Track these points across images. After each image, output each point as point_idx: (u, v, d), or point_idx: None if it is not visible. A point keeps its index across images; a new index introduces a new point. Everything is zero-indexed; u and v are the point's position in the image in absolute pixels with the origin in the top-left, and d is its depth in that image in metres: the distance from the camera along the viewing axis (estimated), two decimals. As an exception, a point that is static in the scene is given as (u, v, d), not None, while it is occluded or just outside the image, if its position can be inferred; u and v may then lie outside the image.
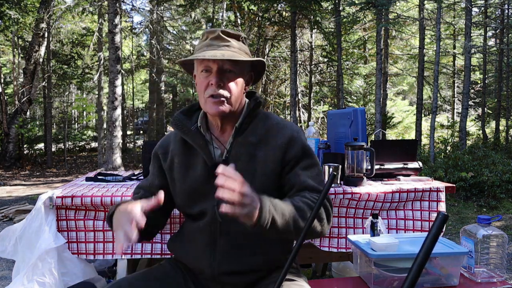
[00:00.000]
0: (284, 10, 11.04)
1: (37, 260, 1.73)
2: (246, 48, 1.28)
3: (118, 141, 8.20)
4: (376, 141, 5.88)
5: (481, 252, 1.39)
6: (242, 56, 1.23)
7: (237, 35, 1.27)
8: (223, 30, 1.24)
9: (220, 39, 1.22)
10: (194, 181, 1.25)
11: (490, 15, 12.11)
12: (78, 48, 13.76)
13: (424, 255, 0.60)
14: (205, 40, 1.25)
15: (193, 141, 1.26)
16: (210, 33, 1.25)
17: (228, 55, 1.18)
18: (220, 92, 1.19)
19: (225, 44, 1.22)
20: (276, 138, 1.25)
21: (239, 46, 1.25)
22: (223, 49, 1.21)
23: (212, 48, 1.21)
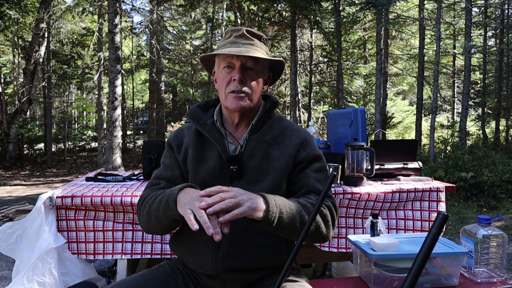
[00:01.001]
0: (284, 10, 11.04)
1: (37, 260, 1.73)
2: (267, 49, 1.31)
3: (118, 141, 8.20)
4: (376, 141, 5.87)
5: (481, 252, 1.39)
6: (264, 55, 1.27)
7: (259, 36, 1.31)
8: (247, 29, 1.28)
9: (244, 37, 1.26)
10: (207, 173, 1.26)
11: (490, 15, 12.11)
12: (78, 48, 13.76)
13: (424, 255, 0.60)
14: (229, 38, 1.28)
15: (209, 134, 1.28)
16: (235, 31, 1.28)
17: (253, 53, 1.22)
18: (242, 88, 1.23)
19: (249, 42, 1.25)
20: (290, 138, 1.29)
21: (261, 46, 1.28)
22: (248, 47, 1.24)
23: (236, 46, 1.24)
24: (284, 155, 1.26)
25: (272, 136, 1.29)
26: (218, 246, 1.20)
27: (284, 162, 1.25)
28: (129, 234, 1.88)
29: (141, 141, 16.85)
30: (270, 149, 1.27)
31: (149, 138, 14.79)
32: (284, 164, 1.25)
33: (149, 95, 14.83)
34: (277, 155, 1.26)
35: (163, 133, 13.97)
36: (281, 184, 1.25)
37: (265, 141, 1.28)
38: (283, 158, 1.26)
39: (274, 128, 1.31)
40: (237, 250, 1.21)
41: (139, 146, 14.59)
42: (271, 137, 1.29)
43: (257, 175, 1.25)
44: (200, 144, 1.30)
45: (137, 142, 15.73)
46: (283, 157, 1.26)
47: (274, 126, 1.32)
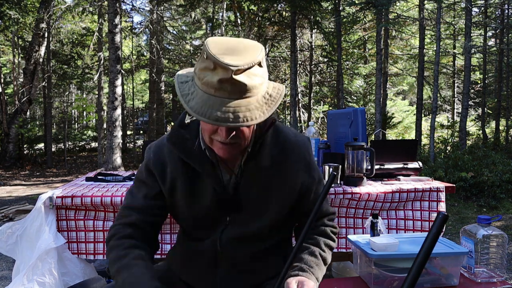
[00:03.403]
0: (284, 10, 11.04)
1: (37, 260, 1.73)
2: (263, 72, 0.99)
3: (118, 141, 8.20)
4: (376, 141, 5.88)
5: (481, 252, 1.39)
6: (261, 108, 0.96)
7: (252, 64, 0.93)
8: (237, 70, 0.90)
9: (233, 84, 0.91)
10: (201, 209, 1.15)
11: (490, 15, 12.11)
12: (78, 48, 13.76)
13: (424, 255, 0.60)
14: (213, 77, 0.92)
15: (199, 165, 1.11)
16: (220, 69, 0.91)
17: (246, 118, 0.92)
18: (231, 140, 1.01)
19: (240, 96, 0.92)
20: (290, 161, 1.15)
21: (256, 85, 0.95)
22: (238, 107, 0.91)
23: (222, 103, 0.91)
24: (287, 183, 1.15)
25: (271, 160, 1.13)
26: (215, 271, 1.20)
27: (287, 191, 1.15)
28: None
29: (141, 141, 16.84)
30: (269, 177, 1.13)
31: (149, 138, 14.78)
32: (287, 194, 1.15)
33: (149, 95, 14.83)
34: (279, 183, 1.14)
35: (163, 133, 13.97)
36: (285, 215, 1.17)
37: (263, 167, 1.12)
38: (286, 187, 1.15)
39: (272, 148, 1.13)
40: (235, 274, 1.20)
41: (139, 146, 14.58)
42: (269, 161, 1.12)
43: (258, 208, 1.14)
44: (189, 174, 1.13)
45: (137, 142, 15.73)
46: (286, 185, 1.15)
47: (271, 145, 1.13)
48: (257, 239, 1.18)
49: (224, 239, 1.16)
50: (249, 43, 0.99)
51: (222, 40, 0.98)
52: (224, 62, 0.90)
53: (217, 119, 0.90)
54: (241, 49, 0.95)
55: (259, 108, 0.95)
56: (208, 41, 0.97)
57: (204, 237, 1.19)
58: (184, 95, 0.97)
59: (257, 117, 0.93)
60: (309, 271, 1.12)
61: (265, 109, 0.96)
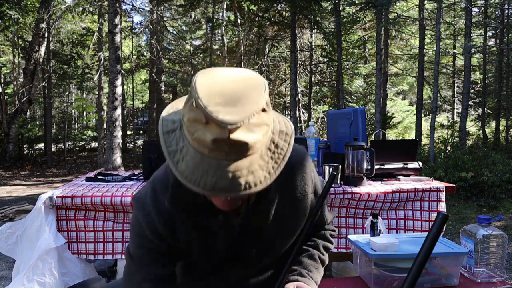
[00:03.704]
0: (284, 10, 11.04)
1: (37, 260, 1.73)
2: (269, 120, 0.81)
3: (118, 141, 8.20)
4: (376, 141, 5.88)
5: (481, 252, 1.39)
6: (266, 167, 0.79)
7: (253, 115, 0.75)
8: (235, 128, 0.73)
9: (232, 146, 0.74)
10: (214, 259, 1.06)
11: (490, 15, 12.11)
12: (78, 48, 13.76)
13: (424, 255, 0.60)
14: (205, 134, 0.74)
15: (208, 221, 0.99)
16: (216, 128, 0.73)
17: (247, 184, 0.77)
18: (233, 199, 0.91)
19: (241, 155, 0.76)
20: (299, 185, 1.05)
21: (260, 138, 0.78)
22: (237, 170, 0.75)
23: (219, 167, 0.75)
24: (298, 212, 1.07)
25: (277, 189, 1.00)
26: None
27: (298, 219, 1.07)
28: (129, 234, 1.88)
29: (141, 141, 16.84)
30: (281, 207, 1.03)
31: (149, 138, 14.79)
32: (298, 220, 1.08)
33: (149, 95, 14.83)
34: (289, 213, 1.05)
35: (163, 133, 13.95)
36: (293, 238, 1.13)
37: (269, 199, 1.01)
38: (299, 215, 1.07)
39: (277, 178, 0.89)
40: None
41: (139, 146, 14.58)
42: (274, 192, 1.00)
43: (271, 241, 1.07)
44: (202, 231, 1.01)
45: (137, 142, 15.73)
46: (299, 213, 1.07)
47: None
48: (269, 268, 1.16)
49: (233, 278, 1.12)
50: (248, 82, 0.80)
51: (214, 80, 0.79)
52: (218, 119, 0.71)
53: (212, 187, 0.74)
54: (239, 94, 0.77)
55: (263, 167, 0.78)
56: (197, 81, 0.78)
57: (210, 274, 1.12)
58: (171, 152, 0.79)
59: (262, 181, 0.78)
60: (308, 275, 1.11)
61: (271, 167, 0.80)
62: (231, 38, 13.84)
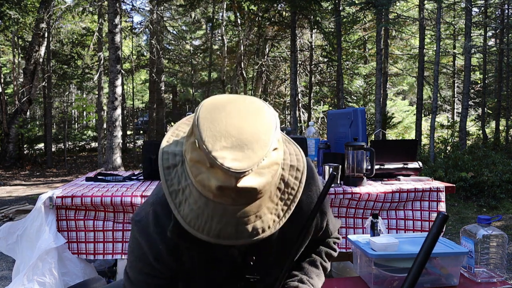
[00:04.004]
0: (284, 10, 11.04)
1: (38, 260, 1.73)
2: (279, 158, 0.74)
3: (118, 141, 8.20)
4: (376, 141, 5.89)
5: (481, 252, 1.39)
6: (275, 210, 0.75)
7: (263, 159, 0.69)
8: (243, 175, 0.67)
9: (240, 193, 0.68)
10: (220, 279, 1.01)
11: (490, 15, 12.11)
12: (78, 48, 13.76)
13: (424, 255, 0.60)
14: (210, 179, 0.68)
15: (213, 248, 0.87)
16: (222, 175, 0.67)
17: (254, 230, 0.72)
18: None
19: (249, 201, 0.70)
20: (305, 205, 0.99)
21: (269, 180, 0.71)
22: (245, 216, 0.71)
23: (225, 213, 0.70)
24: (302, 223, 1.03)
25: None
26: None
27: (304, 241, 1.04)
28: (129, 234, 1.88)
29: (141, 141, 16.84)
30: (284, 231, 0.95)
31: (149, 138, 14.79)
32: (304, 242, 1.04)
33: (149, 95, 14.83)
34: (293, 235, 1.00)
35: (163, 133, 13.97)
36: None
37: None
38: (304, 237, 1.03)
39: None
40: None
41: (139, 146, 14.59)
42: None
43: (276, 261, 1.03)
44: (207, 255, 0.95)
45: (137, 142, 15.73)
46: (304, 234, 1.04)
47: None
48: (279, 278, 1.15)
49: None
50: (258, 120, 0.72)
51: (219, 117, 0.71)
52: (224, 167, 0.65)
53: (218, 235, 0.71)
54: (247, 135, 0.69)
55: (272, 210, 0.74)
56: (200, 117, 0.71)
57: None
58: (173, 192, 0.74)
59: (270, 226, 0.73)
60: (308, 282, 1.09)
61: (280, 209, 0.75)
62: (231, 38, 13.84)
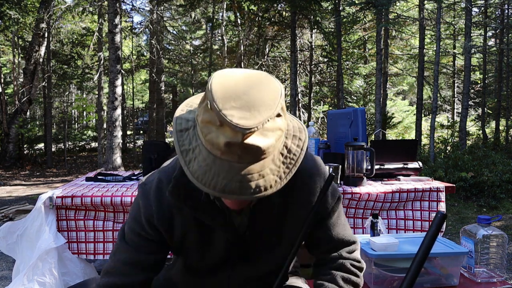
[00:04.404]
0: (284, 10, 11.04)
1: (38, 260, 1.73)
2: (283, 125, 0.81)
3: (118, 141, 8.20)
4: (376, 141, 5.89)
5: (481, 252, 1.39)
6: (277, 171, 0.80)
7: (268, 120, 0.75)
8: (250, 132, 0.73)
9: (245, 150, 0.74)
10: (214, 256, 1.05)
11: (490, 15, 12.11)
12: (78, 48, 13.76)
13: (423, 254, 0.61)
14: (219, 137, 0.74)
15: (209, 219, 0.97)
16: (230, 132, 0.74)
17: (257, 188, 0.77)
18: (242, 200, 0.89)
19: (254, 159, 0.76)
20: (304, 196, 1.01)
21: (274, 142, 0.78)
22: (249, 174, 0.76)
23: (231, 169, 0.75)
24: (300, 218, 1.01)
25: (283, 196, 0.97)
26: None
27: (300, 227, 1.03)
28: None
29: (141, 141, 16.84)
30: (282, 214, 1.01)
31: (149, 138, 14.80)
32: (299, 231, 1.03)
33: (149, 95, 14.83)
34: (291, 220, 1.01)
35: (163, 133, 13.97)
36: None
37: (275, 204, 0.98)
38: (299, 224, 1.01)
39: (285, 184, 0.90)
40: None
41: (139, 146, 14.59)
42: (281, 198, 0.98)
43: (270, 248, 1.05)
44: (200, 227, 1.00)
45: (137, 142, 15.73)
46: (299, 221, 1.01)
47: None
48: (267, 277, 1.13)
49: (233, 280, 1.10)
50: (265, 87, 0.79)
51: (230, 83, 0.78)
52: (233, 123, 0.72)
53: (223, 189, 0.75)
54: (254, 98, 0.76)
55: (275, 171, 0.79)
56: (213, 83, 0.78)
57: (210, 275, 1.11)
58: (184, 152, 0.80)
59: (272, 185, 0.78)
60: None
61: (282, 172, 0.80)
62: (231, 38, 13.84)
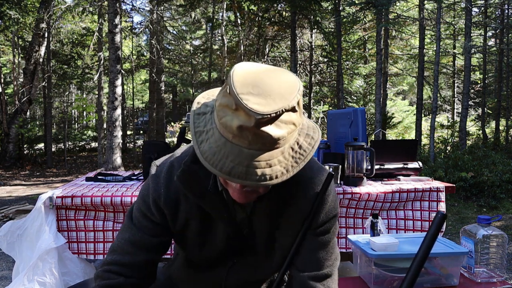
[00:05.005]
0: (284, 10, 11.04)
1: (38, 260, 1.73)
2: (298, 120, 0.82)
3: (118, 141, 8.20)
4: (376, 141, 5.88)
5: (481, 252, 1.39)
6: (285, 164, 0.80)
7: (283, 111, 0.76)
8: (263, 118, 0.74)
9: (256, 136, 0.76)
10: (213, 250, 1.06)
11: (490, 15, 12.10)
12: (78, 48, 13.76)
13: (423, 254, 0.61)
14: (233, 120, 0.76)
15: (213, 210, 0.99)
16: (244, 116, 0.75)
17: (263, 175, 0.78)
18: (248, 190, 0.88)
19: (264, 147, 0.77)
20: (301, 202, 1.00)
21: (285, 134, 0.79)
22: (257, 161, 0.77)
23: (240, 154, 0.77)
24: (296, 226, 1.02)
25: (283, 198, 0.99)
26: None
27: (295, 234, 1.03)
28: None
29: (141, 141, 16.84)
30: (281, 215, 1.02)
31: (149, 138, 14.79)
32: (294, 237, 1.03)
33: (149, 95, 14.82)
34: (288, 225, 1.02)
35: (163, 133, 13.97)
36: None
37: (276, 205, 1.00)
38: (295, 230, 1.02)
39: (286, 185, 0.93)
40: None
41: (139, 146, 14.58)
42: (282, 199, 0.99)
43: (268, 248, 1.06)
44: (203, 217, 1.02)
45: (137, 142, 15.72)
46: (295, 228, 1.02)
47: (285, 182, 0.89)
48: (264, 278, 1.13)
49: (230, 277, 1.10)
50: (285, 80, 0.80)
51: (251, 71, 0.80)
52: (247, 106, 0.74)
53: (229, 172, 0.76)
54: (273, 88, 0.77)
55: (282, 163, 0.79)
56: (235, 71, 0.80)
57: (207, 271, 1.12)
58: (197, 132, 0.82)
59: (278, 176, 0.78)
60: None
61: (290, 165, 0.80)
62: (231, 38, 13.84)
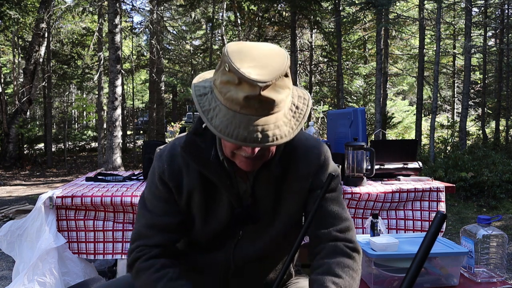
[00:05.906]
0: (284, 10, 11.05)
1: (38, 260, 1.73)
2: (290, 84, 0.94)
3: (118, 141, 8.20)
4: (376, 141, 5.89)
5: (481, 252, 1.39)
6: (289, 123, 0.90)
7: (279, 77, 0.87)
8: (265, 86, 0.84)
9: (262, 103, 0.85)
10: (217, 224, 1.09)
11: (490, 15, 12.10)
12: (78, 48, 13.77)
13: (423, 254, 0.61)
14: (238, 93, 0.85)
15: (217, 178, 1.03)
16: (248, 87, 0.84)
17: (274, 136, 0.87)
18: (258, 153, 0.94)
19: (269, 111, 0.87)
20: (301, 166, 1.08)
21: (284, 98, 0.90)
22: (265, 124, 0.86)
23: (250, 121, 0.85)
24: (297, 192, 1.08)
25: (282, 166, 1.06)
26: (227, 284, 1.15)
27: (297, 200, 1.09)
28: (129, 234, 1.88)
29: (141, 141, 16.84)
30: (281, 184, 1.08)
31: (149, 138, 14.79)
32: (297, 203, 1.10)
33: (149, 95, 14.82)
34: (289, 192, 1.08)
35: (163, 133, 13.97)
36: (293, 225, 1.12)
37: (275, 174, 1.05)
38: (296, 196, 1.09)
39: (284, 154, 1.05)
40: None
41: (139, 146, 14.58)
42: (281, 168, 1.05)
43: (269, 219, 1.10)
44: (206, 188, 1.06)
45: (137, 142, 15.72)
46: (296, 194, 1.09)
47: (283, 151, 1.06)
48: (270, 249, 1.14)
49: (238, 252, 1.12)
50: (273, 51, 0.92)
51: (243, 48, 0.90)
52: (251, 78, 0.83)
53: (245, 139, 0.85)
54: (266, 59, 0.88)
55: (287, 123, 0.90)
56: (228, 50, 0.89)
57: (215, 249, 1.13)
58: (205, 111, 0.90)
59: (287, 134, 0.89)
60: None
61: (293, 123, 0.91)
62: (231, 38, 13.84)
